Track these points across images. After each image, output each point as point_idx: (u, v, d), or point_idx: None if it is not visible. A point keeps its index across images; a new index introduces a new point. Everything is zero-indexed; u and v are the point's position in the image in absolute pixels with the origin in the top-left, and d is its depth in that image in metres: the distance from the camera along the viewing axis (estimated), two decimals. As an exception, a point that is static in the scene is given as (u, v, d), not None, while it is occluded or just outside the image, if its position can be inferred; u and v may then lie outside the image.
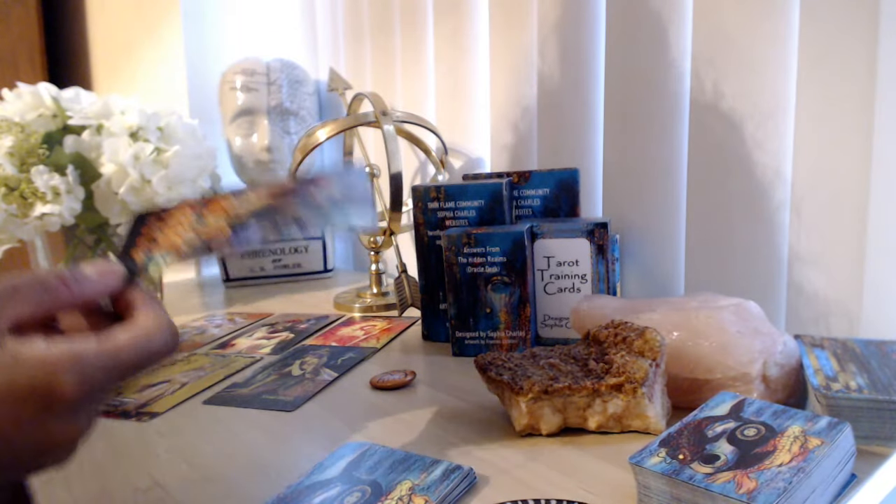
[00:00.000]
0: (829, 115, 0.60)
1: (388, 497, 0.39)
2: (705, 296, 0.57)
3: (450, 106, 0.98)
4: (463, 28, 0.94)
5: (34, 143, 0.78)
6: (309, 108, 1.15)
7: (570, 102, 0.82)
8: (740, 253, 0.68)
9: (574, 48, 0.80)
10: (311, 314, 0.89)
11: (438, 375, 0.63)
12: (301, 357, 0.70)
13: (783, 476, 0.34)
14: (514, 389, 0.48)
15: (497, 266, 0.65)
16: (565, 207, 0.74)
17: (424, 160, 1.04)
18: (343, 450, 0.45)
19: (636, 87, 0.74)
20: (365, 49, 1.13)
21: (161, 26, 1.34)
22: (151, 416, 0.57)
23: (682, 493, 0.35)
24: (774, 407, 0.41)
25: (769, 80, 0.64)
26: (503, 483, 0.42)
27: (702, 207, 0.70)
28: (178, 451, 0.50)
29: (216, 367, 0.68)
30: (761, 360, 0.48)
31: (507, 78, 0.89)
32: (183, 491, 0.44)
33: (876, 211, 0.58)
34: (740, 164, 0.66)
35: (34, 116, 0.82)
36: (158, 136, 0.86)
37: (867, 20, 0.56)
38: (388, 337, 0.76)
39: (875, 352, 0.50)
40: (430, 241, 0.72)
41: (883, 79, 0.56)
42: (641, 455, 0.37)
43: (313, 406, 0.57)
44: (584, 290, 0.67)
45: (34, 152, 0.78)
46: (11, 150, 0.77)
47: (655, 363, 0.48)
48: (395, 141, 0.81)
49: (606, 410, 0.47)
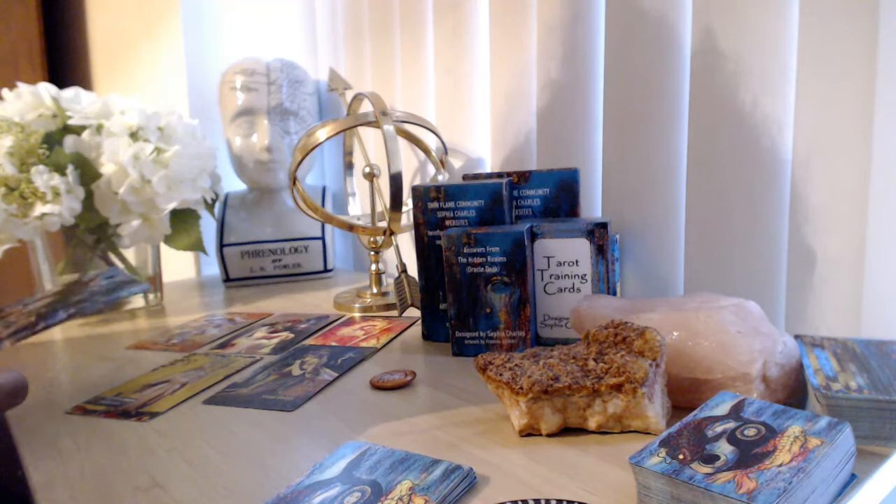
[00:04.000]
0: (829, 116, 0.60)
1: (388, 497, 0.39)
2: (705, 296, 0.57)
3: (450, 106, 0.98)
4: (463, 28, 0.94)
5: (34, 143, 0.78)
6: (309, 108, 1.15)
7: (570, 102, 0.82)
8: (740, 253, 0.68)
9: (574, 48, 0.80)
10: (311, 314, 0.89)
11: (438, 375, 0.63)
12: (301, 357, 0.70)
13: (783, 476, 0.34)
14: (514, 389, 0.48)
15: (497, 266, 0.65)
16: (565, 207, 0.74)
17: (424, 160, 1.04)
18: (343, 450, 0.45)
19: (636, 87, 0.74)
20: (365, 49, 1.13)
21: (161, 26, 1.34)
22: (151, 416, 0.57)
23: (682, 493, 0.35)
24: (774, 407, 0.41)
25: (769, 81, 0.64)
26: (503, 483, 0.42)
27: (701, 207, 0.70)
28: (178, 451, 0.50)
29: (216, 367, 0.68)
30: (761, 360, 0.48)
31: (507, 78, 0.89)
32: (183, 491, 0.44)
33: (876, 211, 0.58)
34: (740, 164, 0.66)
35: (34, 116, 0.82)
36: (158, 136, 0.86)
37: (867, 20, 0.56)
38: (388, 337, 0.76)
39: (875, 352, 0.50)
40: (430, 241, 0.72)
41: (883, 79, 0.56)
42: (641, 455, 0.38)
43: (313, 406, 0.57)
44: (584, 290, 0.67)
45: (34, 152, 0.78)
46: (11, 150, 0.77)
47: (655, 363, 0.48)
48: (395, 141, 0.81)
49: (606, 410, 0.47)
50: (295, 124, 1.12)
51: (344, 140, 1.10)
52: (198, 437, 0.52)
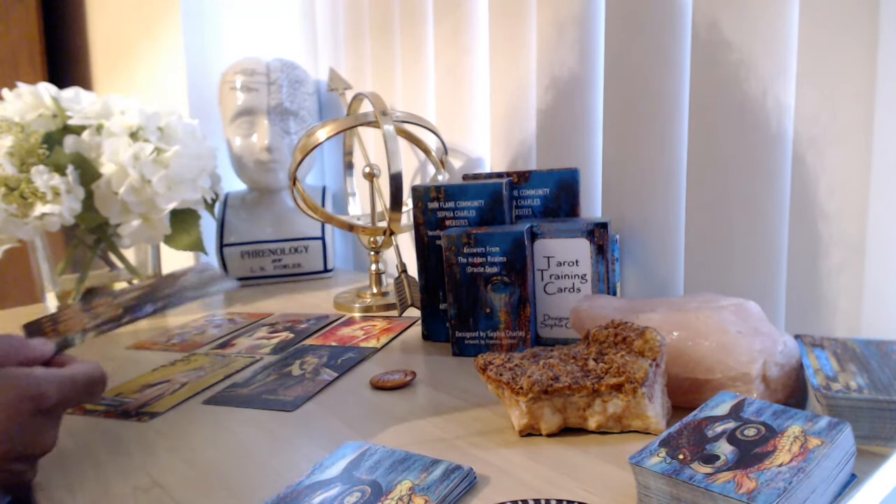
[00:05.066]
0: (829, 116, 0.60)
1: (388, 497, 0.39)
2: (705, 296, 0.57)
3: (450, 106, 0.98)
4: (463, 28, 0.94)
5: (34, 143, 0.78)
6: (309, 108, 1.15)
7: (570, 102, 0.82)
8: (740, 253, 0.68)
9: (574, 48, 0.80)
10: (311, 314, 0.89)
11: (438, 375, 0.63)
12: (301, 357, 0.70)
13: (783, 476, 0.34)
14: (514, 389, 0.48)
15: (497, 266, 0.65)
16: (565, 207, 0.74)
17: (424, 160, 1.04)
18: (343, 450, 0.45)
19: (636, 86, 0.74)
20: (365, 49, 1.13)
21: (161, 26, 1.34)
22: (151, 416, 0.57)
23: (682, 493, 0.35)
24: (774, 407, 0.41)
25: (769, 81, 0.64)
26: (503, 483, 0.42)
27: (701, 207, 0.70)
28: (178, 451, 0.50)
29: (216, 367, 0.68)
30: (761, 360, 0.48)
31: (506, 77, 0.89)
32: (183, 491, 0.44)
33: (876, 211, 0.58)
34: (740, 164, 0.66)
35: (34, 116, 0.82)
36: (158, 136, 0.86)
37: (868, 20, 0.56)
38: (388, 337, 0.76)
39: (875, 352, 0.50)
40: (430, 241, 0.72)
41: (882, 79, 0.56)
42: (641, 455, 0.38)
43: (313, 406, 0.57)
44: (584, 290, 0.67)
45: (34, 152, 0.78)
46: (11, 150, 0.77)
47: (655, 363, 0.48)
48: (395, 141, 0.81)
49: (606, 410, 0.47)
50: (295, 124, 1.12)
51: (344, 140, 1.10)
52: (198, 437, 0.52)
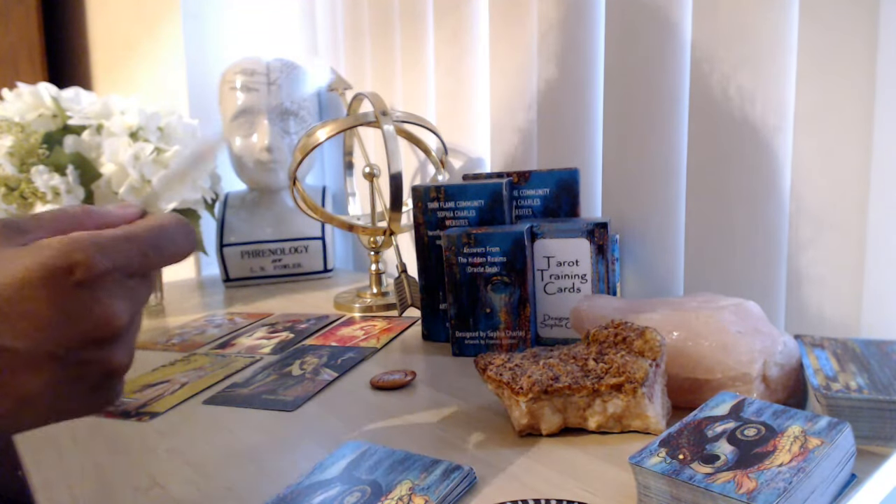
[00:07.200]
0: (829, 116, 0.60)
1: (388, 497, 0.39)
2: (705, 296, 0.57)
3: (450, 106, 0.98)
4: (463, 28, 0.94)
5: (34, 143, 0.78)
6: (309, 108, 1.15)
7: (570, 102, 0.82)
8: (740, 253, 0.68)
9: (574, 48, 0.80)
10: (311, 314, 0.89)
11: (438, 375, 0.63)
12: (301, 357, 0.70)
13: (783, 476, 0.34)
14: (514, 389, 0.48)
15: (497, 266, 0.65)
16: (565, 207, 0.74)
17: (424, 160, 1.04)
18: (343, 450, 0.45)
19: (636, 86, 0.74)
20: (365, 49, 1.13)
21: (161, 26, 1.34)
22: (151, 416, 0.57)
23: (682, 493, 0.35)
24: (774, 407, 0.41)
25: (769, 81, 0.64)
26: (503, 483, 0.42)
27: (702, 207, 0.70)
28: (178, 451, 0.50)
29: (216, 367, 0.68)
30: (761, 360, 0.48)
31: (507, 78, 0.89)
32: (183, 491, 0.44)
33: (876, 211, 0.58)
34: (740, 164, 0.66)
35: (34, 116, 0.82)
36: (158, 136, 0.86)
37: (867, 20, 0.56)
38: (388, 337, 0.76)
39: (875, 352, 0.50)
40: (430, 241, 0.72)
41: (883, 79, 0.56)
42: (641, 455, 0.38)
43: (313, 406, 0.57)
44: (584, 290, 0.67)
45: (34, 152, 0.78)
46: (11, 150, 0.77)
47: (655, 363, 0.48)
48: (395, 141, 0.81)
49: (606, 410, 0.47)
50: (295, 124, 1.12)
51: (344, 140, 1.10)
52: (198, 437, 0.52)
